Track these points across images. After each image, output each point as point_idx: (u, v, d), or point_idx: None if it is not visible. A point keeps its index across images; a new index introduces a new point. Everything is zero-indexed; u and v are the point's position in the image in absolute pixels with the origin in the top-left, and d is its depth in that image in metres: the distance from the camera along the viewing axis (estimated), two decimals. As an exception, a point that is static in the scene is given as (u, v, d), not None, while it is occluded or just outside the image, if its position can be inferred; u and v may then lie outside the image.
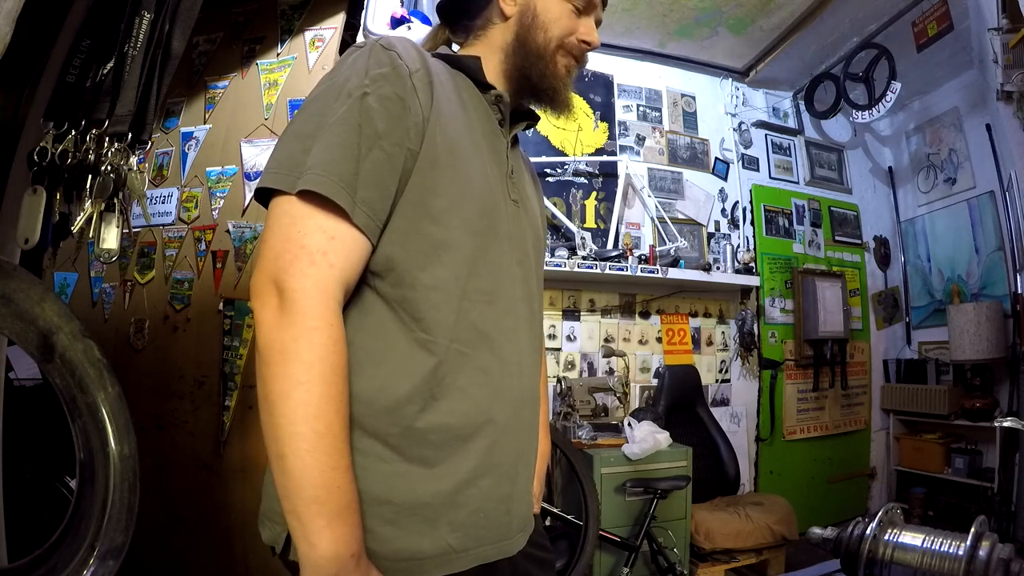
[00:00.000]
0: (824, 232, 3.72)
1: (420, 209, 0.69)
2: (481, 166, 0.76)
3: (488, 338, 0.74)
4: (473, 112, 0.79)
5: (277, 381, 0.60)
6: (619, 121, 3.29)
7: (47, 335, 0.93)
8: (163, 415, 2.22)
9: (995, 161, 3.12)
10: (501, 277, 0.76)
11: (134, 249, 2.41)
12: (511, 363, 0.76)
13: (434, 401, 0.69)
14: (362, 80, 0.67)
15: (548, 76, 0.84)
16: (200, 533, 2.13)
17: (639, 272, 2.87)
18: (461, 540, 0.70)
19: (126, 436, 1.01)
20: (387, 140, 0.66)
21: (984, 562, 0.82)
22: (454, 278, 0.70)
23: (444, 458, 0.69)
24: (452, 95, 0.76)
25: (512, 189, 0.83)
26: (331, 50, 2.39)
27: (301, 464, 0.59)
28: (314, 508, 0.59)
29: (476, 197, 0.74)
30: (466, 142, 0.75)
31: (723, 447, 2.91)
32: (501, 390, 0.75)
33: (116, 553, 0.97)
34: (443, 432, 0.69)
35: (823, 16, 2.94)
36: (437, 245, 0.70)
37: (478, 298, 0.73)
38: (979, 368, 3.15)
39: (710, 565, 2.48)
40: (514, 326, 0.78)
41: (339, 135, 0.65)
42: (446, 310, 0.70)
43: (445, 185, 0.70)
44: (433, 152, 0.69)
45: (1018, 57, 2.22)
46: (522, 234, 0.83)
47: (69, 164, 1.02)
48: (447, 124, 0.72)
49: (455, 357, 0.70)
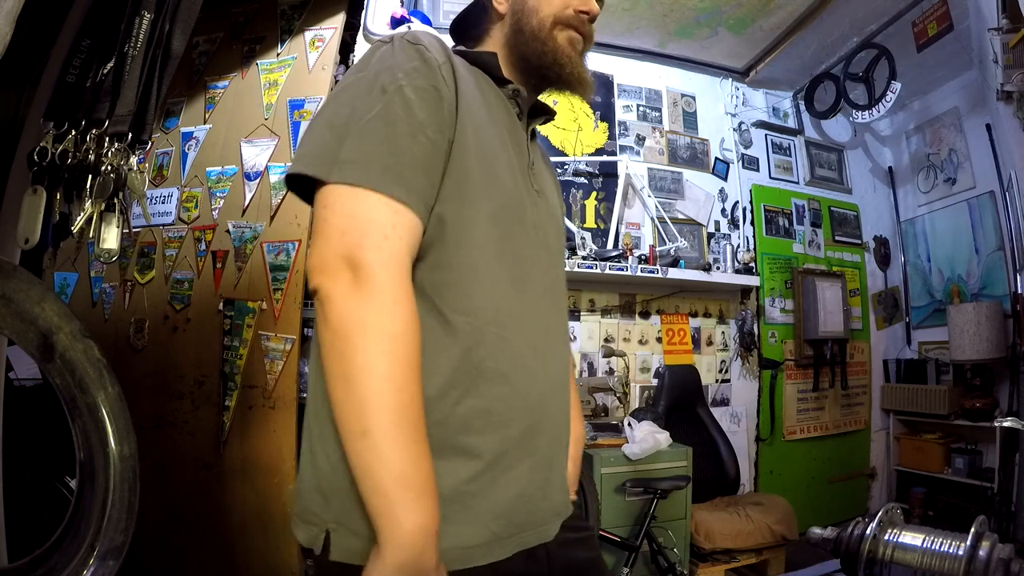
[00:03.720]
0: (824, 232, 3.71)
1: (454, 193, 0.70)
2: (505, 156, 0.78)
3: (523, 322, 0.74)
4: (494, 105, 0.81)
5: (358, 355, 0.59)
6: (619, 121, 3.29)
7: (47, 335, 0.93)
8: (163, 415, 2.22)
9: (995, 161, 3.12)
10: (529, 264, 0.77)
11: (134, 249, 2.41)
12: (544, 347, 0.77)
13: (475, 386, 0.69)
14: (395, 74, 0.69)
15: (548, 53, 0.84)
16: (200, 533, 2.13)
17: (639, 272, 2.87)
18: (504, 527, 0.70)
19: (126, 436, 1.01)
20: (430, 129, 0.67)
21: (984, 562, 0.82)
22: (486, 262, 0.71)
23: (485, 444, 0.69)
24: (474, 88, 0.77)
25: (534, 179, 0.85)
26: (331, 50, 2.40)
27: (387, 437, 0.58)
28: (403, 483, 0.59)
29: (502, 185, 0.75)
30: (490, 132, 0.76)
31: (723, 447, 2.91)
32: (537, 375, 0.75)
33: (116, 553, 0.97)
34: (484, 417, 0.69)
35: (823, 16, 2.94)
36: (471, 228, 0.70)
37: (510, 283, 0.73)
38: (979, 368, 3.14)
39: (710, 565, 2.48)
40: (544, 311, 0.79)
41: (386, 128, 0.66)
42: (481, 292, 0.70)
43: (475, 172, 0.71)
44: (464, 139, 0.71)
45: (1018, 57, 2.21)
46: (544, 224, 0.83)
47: (69, 164, 1.02)
48: (473, 114, 0.73)
49: (493, 340, 0.70)
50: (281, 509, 2.07)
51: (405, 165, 0.65)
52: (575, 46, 0.86)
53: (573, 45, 0.86)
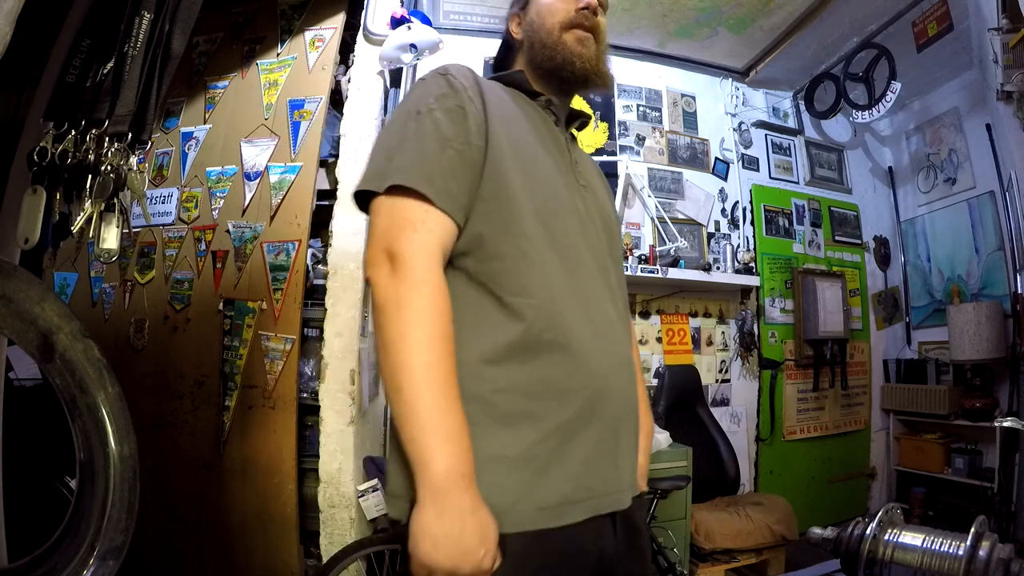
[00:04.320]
0: (824, 232, 3.71)
1: (497, 191, 0.79)
2: (546, 157, 0.88)
3: (577, 301, 0.82)
4: (531, 116, 0.91)
5: (393, 327, 0.70)
6: (619, 121, 3.29)
7: (47, 335, 0.93)
8: (163, 415, 2.22)
9: (995, 161, 3.12)
10: (577, 250, 0.85)
11: (134, 249, 2.41)
12: (602, 324, 0.84)
13: (535, 356, 0.77)
14: (428, 100, 0.81)
15: (560, 55, 0.93)
16: (200, 533, 2.13)
17: (639, 272, 2.87)
18: (574, 490, 0.76)
19: (126, 436, 1.01)
20: (456, 141, 0.78)
21: (984, 562, 0.82)
22: (536, 249, 0.80)
23: (547, 409, 0.76)
24: (509, 104, 0.89)
25: (579, 176, 0.94)
26: (331, 50, 2.40)
27: (415, 391, 0.68)
28: (428, 429, 0.67)
29: (545, 181, 0.85)
30: (527, 136, 0.87)
31: (723, 447, 2.91)
32: (596, 348, 0.82)
33: (116, 553, 0.97)
34: (545, 384, 0.77)
35: (823, 16, 2.94)
36: (518, 221, 0.79)
37: (561, 267, 0.82)
38: (979, 368, 3.14)
39: (710, 565, 2.48)
40: (598, 294, 0.86)
41: (417, 144, 0.78)
42: (534, 276, 0.79)
43: (514, 173, 0.81)
44: (499, 145, 0.81)
45: (1018, 57, 2.21)
46: (592, 214, 0.92)
47: (69, 164, 1.02)
48: (509, 126, 0.84)
49: (550, 316, 0.78)
50: (281, 509, 2.07)
51: (434, 172, 0.76)
52: (584, 43, 0.93)
53: (582, 42, 0.93)
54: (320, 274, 2.26)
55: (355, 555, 1.85)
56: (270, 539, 2.08)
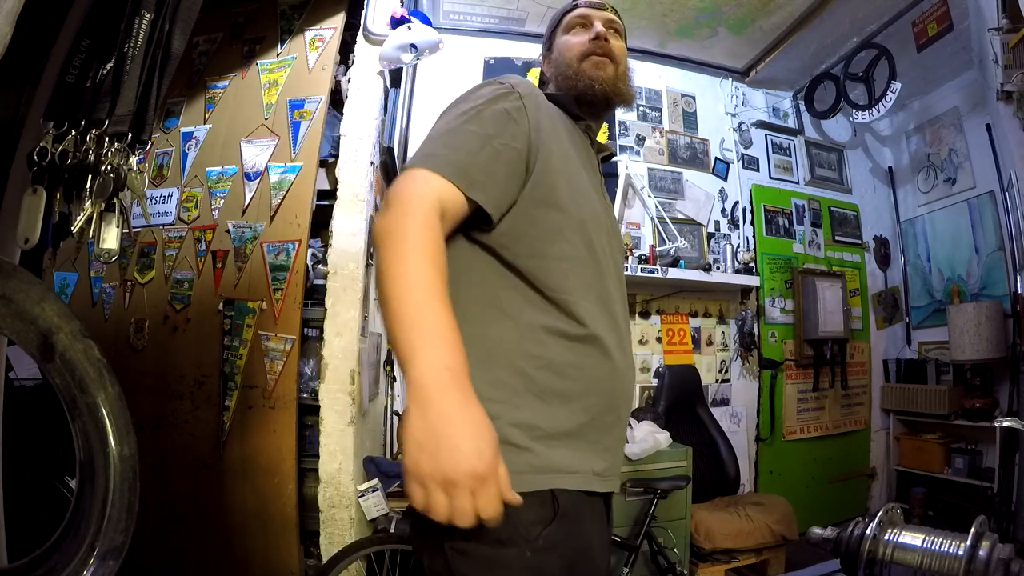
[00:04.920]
0: (824, 232, 3.71)
1: (545, 199, 0.86)
2: (586, 175, 0.95)
3: (606, 304, 0.89)
4: (574, 136, 0.99)
5: (379, 252, 0.73)
6: (619, 121, 3.29)
7: (47, 335, 0.93)
8: (163, 415, 2.22)
9: (995, 161, 3.12)
10: (605, 259, 0.92)
11: (134, 249, 2.41)
12: (621, 330, 0.92)
13: (570, 343, 0.83)
14: (478, 101, 0.88)
15: (581, 82, 1.02)
16: (200, 533, 2.13)
17: (639, 272, 2.87)
18: (601, 465, 0.84)
19: (126, 436, 1.01)
20: (496, 140, 0.83)
21: (984, 562, 0.82)
22: (576, 254, 0.87)
23: (579, 392, 0.83)
24: (559, 121, 0.96)
25: (605, 195, 1.04)
26: (331, 50, 2.40)
27: (399, 297, 0.69)
28: (409, 331, 0.66)
29: (584, 195, 0.92)
30: (572, 155, 0.94)
31: (723, 447, 2.91)
32: (618, 351, 0.89)
33: (116, 553, 0.97)
34: (581, 370, 0.83)
35: (823, 16, 2.94)
36: (562, 227, 0.87)
37: (593, 273, 0.89)
38: (979, 368, 3.14)
39: (710, 565, 2.48)
40: (618, 302, 0.94)
41: (461, 138, 0.83)
42: (572, 276, 0.86)
43: (562, 183, 0.88)
44: (548, 157, 0.87)
45: (1018, 57, 2.21)
46: (614, 232, 1.02)
47: (69, 164, 1.02)
48: (560, 140, 0.91)
49: (585, 311, 0.85)
50: (281, 509, 2.07)
51: (465, 163, 0.80)
52: (600, 66, 1.02)
53: (598, 66, 1.02)
54: (320, 274, 2.26)
55: (355, 555, 1.85)
56: (270, 539, 2.07)
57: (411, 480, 0.61)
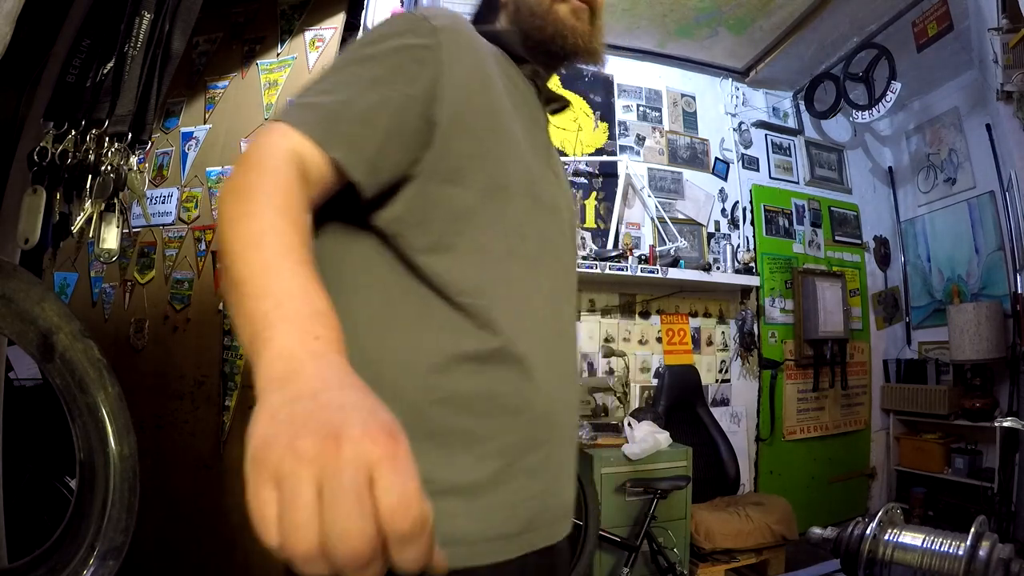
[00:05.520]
0: (824, 232, 3.71)
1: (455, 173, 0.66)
2: (527, 136, 0.75)
3: (536, 306, 0.71)
4: (513, 84, 0.78)
5: (219, 216, 0.54)
6: (619, 121, 3.28)
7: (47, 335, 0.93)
8: (163, 415, 2.22)
9: (995, 161, 3.12)
10: (544, 246, 0.74)
11: (134, 249, 2.41)
12: (558, 336, 0.74)
13: (481, 365, 0.65)
14: (374, 36, 0.68)
15: (551, 27, 0.80)
16: (200, 533, 2.13)
17: (639, 272, 2.87)
18: (512, 523, 0.64)
19: (126, 436, 1.01)
20: (386, 85, 0.63)
21: (984, 562, 0.82)
22: (496, 243, 0.68)
23: (489, 430, 0.65)
24: (492, 66, 0.74)
25: (553, 162, 0.83)
26: (331, 50, 2.39)
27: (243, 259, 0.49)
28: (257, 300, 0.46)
29: (516, 164, 0.71)
30: (505, 110, 0.72)
31: (723, 447, 2.91)
32: (549, 364, 0.71)
33: (116, 553, 0.97)
34: (491, 400, 0.65)
35: (823, 16, 2.94)
36: (477, 210, 0.67)
37: (524, 265, 0.70)
38: (979, 368, 3.14)
39: (710, 565, 2.48)
40: (558, 299, 0.75)
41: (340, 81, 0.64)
42: (489, 274, 0.67)
43: (480, 150, 0.68)
44: (464, 115, 0.67)
45: (1018, 57, 2.21)
46: (560, 206, 0.80)
47: (69, 164, 1.02)
48: (487, 91, 0.70)
49: (504, 321, 0.66)
50: (281, 509, 2.07)
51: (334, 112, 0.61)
52: (579, 15, 0.82)
53: (577, 15, 0.81)
54: (320, 274, 2.26)
55: (355, 555, 1.85)
56: (270, 539, 2.07)
57: (256, 470, 0.36)
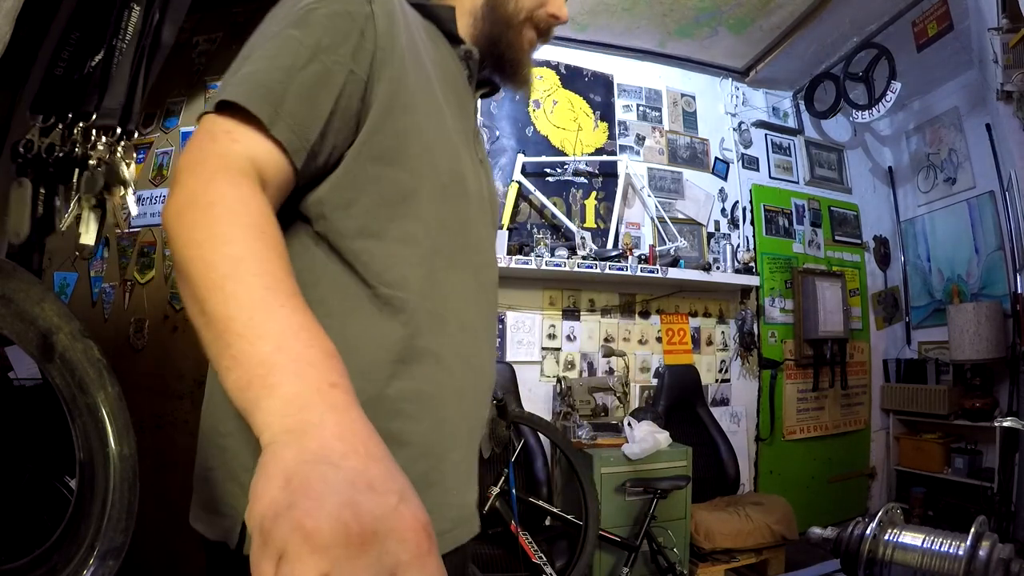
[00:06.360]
0: (824, 232, 3.71)
1: (387, 153, 0.63)
2: (450, 118, 0.71)
3: (458, 301, 0.68)
4: (443, 63, 0.74)
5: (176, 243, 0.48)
6: (619, 121, 3.28)
7: (47, 335, 0.93)
8: (163, 415, 2.22)
9: (995, 161, 3.12)
10: (469, 237, 0.71)
11: (134, 249, 2.41)
12: (476, 329, 0.72)
13: (406, 365, 0.62)
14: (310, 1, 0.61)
15: (514, 47, 0.79)
16: (200, 533, 2.13)
17: (639, 272, 2.87)
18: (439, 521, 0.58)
19: (126, 436, 1.01)
20: (328, 55, 0.58)
21: (984, 562, 0.82)
22: (424, 232, 0.65)
23: (415, 431, 0.62)
24: (424, 40, 0.71)
25: (478, 148, 0.80)
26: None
27: (227, 297, 0.43)
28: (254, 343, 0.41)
29: (445, 149, 0.68)
30: (435, 90, 0.69)
31: (723, 447, 2.91)
32: (470, 357, 0.69)
33: (116, 553, 0.97)
34: (417, 401, 0.63)
35: (823, 16, 2.94)
36: (407, 195, 0.64)
37: (447, 257, 0.67)
38: (979, 368, 3.14)
39: (710, 565, 2.48)
40: (479, 289, 0.73)
41: (274, 47, 0.58)
42: (416, 266, 0.64)
43: (413, 130, 0.64)
44: (397, 92, 0.63)
45: (1018, 57, 2.21)
46: (485, 196, 0.78)
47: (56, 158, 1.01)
48: (419, 68, 0.67)
49: (426, 318, 0.64)
50: (281, 509, 2.07)
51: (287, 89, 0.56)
52: (532, 47, 0.82)
53: (531, 46, 0.82)
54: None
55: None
56: (270, 539, 2.07)
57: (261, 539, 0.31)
